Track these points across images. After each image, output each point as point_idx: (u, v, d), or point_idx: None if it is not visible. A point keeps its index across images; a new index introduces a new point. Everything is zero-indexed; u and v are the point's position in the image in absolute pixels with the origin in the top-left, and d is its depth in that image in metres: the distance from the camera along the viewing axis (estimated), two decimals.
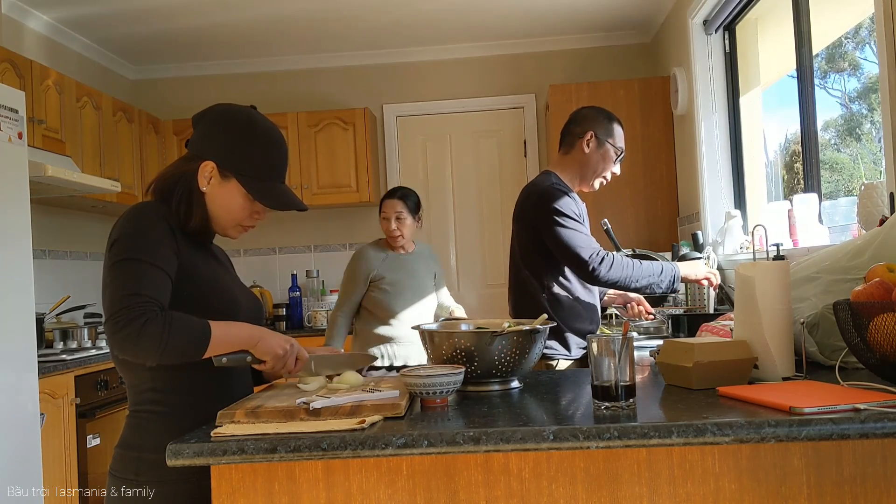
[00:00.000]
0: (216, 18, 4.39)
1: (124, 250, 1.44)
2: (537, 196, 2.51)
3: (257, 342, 1.48)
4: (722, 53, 4.04)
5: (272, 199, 1.58)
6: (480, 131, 5.23)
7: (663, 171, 4.52)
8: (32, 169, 3.10)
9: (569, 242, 2.41)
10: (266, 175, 1.58)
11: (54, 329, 3.66)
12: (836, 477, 1.27)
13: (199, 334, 1.41)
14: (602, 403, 1.33)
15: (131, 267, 1.42)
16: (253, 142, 1.57)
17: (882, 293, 1.47)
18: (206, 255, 1.62)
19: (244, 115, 1.59)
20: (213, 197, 1.56)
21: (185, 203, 1.54)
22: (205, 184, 1.55)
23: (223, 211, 1.58)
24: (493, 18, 4.66)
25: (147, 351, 1.37)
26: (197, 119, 1.63)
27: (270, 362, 1.50)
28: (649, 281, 2.42)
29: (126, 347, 1.38)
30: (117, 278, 1.42)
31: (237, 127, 1.57)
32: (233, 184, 1.56)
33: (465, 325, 1.86)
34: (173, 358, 1.41)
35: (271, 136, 1.60)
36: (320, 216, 5.20)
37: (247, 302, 1.64)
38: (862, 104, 3.28)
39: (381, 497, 1.29)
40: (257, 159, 1.57)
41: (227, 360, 1.45)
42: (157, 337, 1.36)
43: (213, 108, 1.63)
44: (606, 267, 2.39)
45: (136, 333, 1.35)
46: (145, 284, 1.40)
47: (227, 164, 1.55)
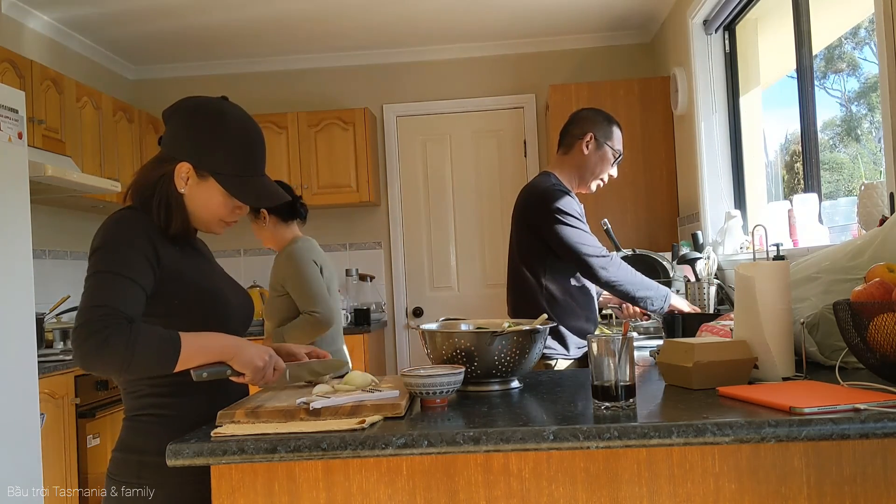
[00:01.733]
0: (216, 18, 4.39)
1: (98, 262, 1.41)
2: (539, 196, 2.52)
3: (234, 354, 1.43)
4: (722, 53, 4.04)
5: (252, 196, 1.55)
6: (480, 131, 5.23)
7: (663, 171, 4.52)
8: (32, 169, 3.10)
9: (574, 241, 2.43)
10: (243, 170, 1.53)
11: (54, 329, 3.66)
12: (836, 477, 1.27)
13: (167, 347, 1.37)
14: (602, 403, 1.33)
15: (102, 279, 1.39)
16: (227, 138, 1.52)
17: (882, 293, 1.47)
18: (190, 254, 1.59)
19: (215, 110, 1.53)
20: (191, 197, 1.53)
21: (164, 208, 1.51)
22: (182, 185, 1.52)
23: (203, 210, 1.54)
24: (493, 18, 4.66)
25: (110, 364, 1.33)
26: (167, 115, 1.57)
27: (249, 375, 1.45)
28: (647, 294, 2.46)
29: (88, 361, 1.32)
30: (87, 290, 1.38)
31: (209, 123, 1.52)
32: (210, 183, 1.52)
33: (465, 325, 1.86)
34: (140, 372, 1.38)
35: (245, 129, 1.54)
36: (320, 216, 5.20)
37: (236, 298, 1.61)
38: (861, 104, 3.28)
39: (381, 497, 1.29)
40: (233, 155, 1.52)
41: (207, 374, 1.40)
42: (122, 350, 1.31)
43: (182, 102, 1.56)
44: (613, 267, 2.42)
45: (97, 346, 1.31)
46: (114, 297, 1.36)
47: (203, 163, 1.51)
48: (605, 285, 2.45)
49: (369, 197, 4.87)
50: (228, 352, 1.43)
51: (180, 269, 1.50)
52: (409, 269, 5.23)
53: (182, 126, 1.54)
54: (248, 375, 1.46)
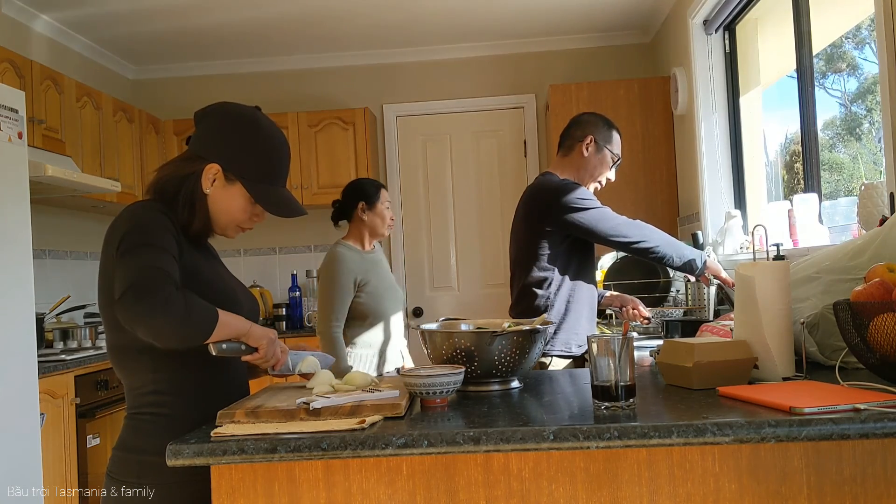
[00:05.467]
0: (216, 18, 4.39)
1: (136, 238, 1.43)
2: (553, 191, 2.54)
3: (248, 331, 1.48)
4: (722, 53, 4.05)
5: (276, 205, 1.58)
6: (480, 131, 5.23)
7: (663, 171, 4.52)
8: (32, 169, 3.09)
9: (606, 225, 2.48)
10: (270, 179, 1.58)
11: (54, 329, 3.66)
12: (836, 477, 1.27)
13: (210, 317, 1.40)
14: (602, 403, 1.33)
15: (145, 250, 1.41)
16: (258, 145, 1.56)
17: (882, 293, 1.47)
18: (205, 254, 1.62)
19: (249, 117, 1.58)
20: (215, 199, 1.56)
21: (188, 206, 1.54)
22: (208, 186, 1.55)
23: (224, 213, 1.57)
24: (493, 18, 4.66)
25: (167, 323, 1.33)
26: (200, 117, 1.61)
27: (264, 347, 1.48)
28: (683, 254, 2.52)
29: (149, 316, 1.33)
30: (132, 259, 1.39)
31: (243, 129, 1.56)
32: (237, 187, 1.55)
33: (465, 325, 1.86)
34: (186, 335, 1.38)
35: (276, 140, 1.59)
36: (320, 216, 5.17)
37: (246, 301, 1.64)
38: (861, 105, 3.28)
39: (381, 497, 1.29)
40: (262, 163, 1.56)
41: (226, 346, 1.44)
42: (181, 310, 1.34)
43: (217, 106, 1.61)
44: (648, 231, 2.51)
45: (161, 303, 1.32)
46: (163, 263, 1.39)
47: (233, 166, 1.54)
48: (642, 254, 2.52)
49: None
50: (243, 330, 1.47)
51: (197, 267, 1.53)
52: (409, 269, 5.23)
53: (215, 129, 1.57)
54: (261, 350, 1.49)
